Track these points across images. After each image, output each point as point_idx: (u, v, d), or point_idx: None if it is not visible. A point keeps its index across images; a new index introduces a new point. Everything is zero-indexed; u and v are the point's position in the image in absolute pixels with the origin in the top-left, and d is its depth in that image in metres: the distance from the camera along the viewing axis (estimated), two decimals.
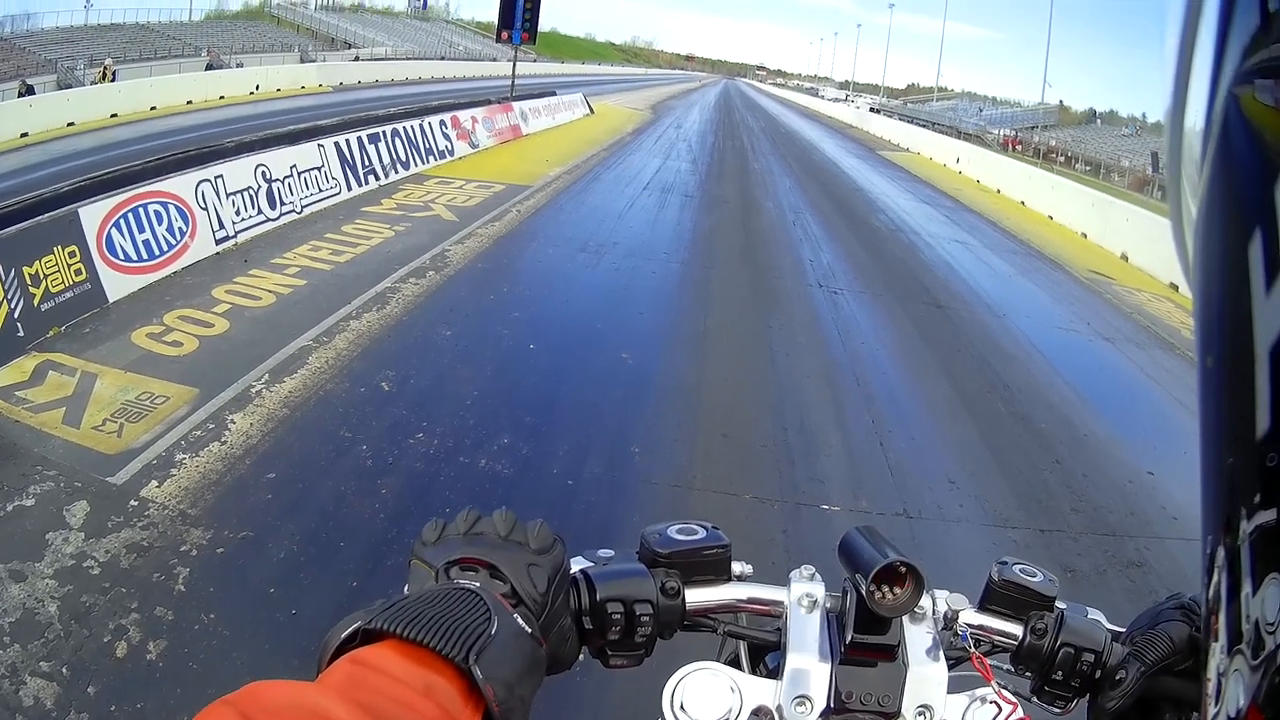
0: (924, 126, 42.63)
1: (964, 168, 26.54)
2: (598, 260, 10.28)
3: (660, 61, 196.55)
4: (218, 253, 9.07)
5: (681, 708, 0.85)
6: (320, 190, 11.59)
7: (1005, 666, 0.93)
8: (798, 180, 20.63)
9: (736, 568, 0.93)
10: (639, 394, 6.70)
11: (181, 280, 8.20)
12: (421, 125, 15.76)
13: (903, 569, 0.81)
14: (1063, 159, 45.63)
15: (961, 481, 5.75)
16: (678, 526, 0.93)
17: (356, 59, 43.67)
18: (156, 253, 8.18)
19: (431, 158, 15.73)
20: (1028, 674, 0.93)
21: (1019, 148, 49.30)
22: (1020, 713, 0.87)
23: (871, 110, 57.66)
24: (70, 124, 18.95)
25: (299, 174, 11.14)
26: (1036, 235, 16.18)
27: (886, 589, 0.82)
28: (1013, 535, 5.10)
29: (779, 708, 0.85)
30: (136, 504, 4.60)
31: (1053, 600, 0.93)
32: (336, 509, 4.71)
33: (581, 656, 0.88)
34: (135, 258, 7.90)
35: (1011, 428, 6.84)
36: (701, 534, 0.92)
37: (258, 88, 29.00)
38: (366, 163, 13.18)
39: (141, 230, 8.07)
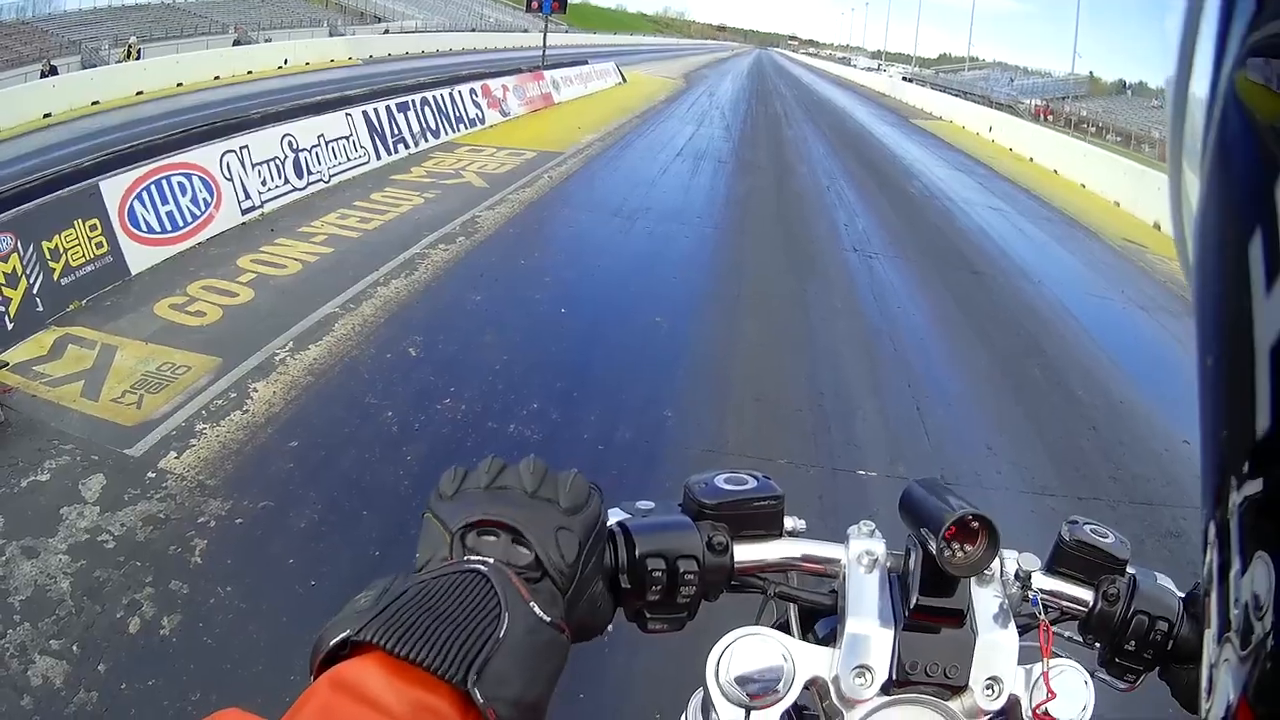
0: (956, 95, 41.56)
1: (996, 136, 25.67)
2: (631, 225, 10.00)
3: (692, 32, 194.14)
4: (244, 223, 8.89)
5: (729, 678, 0.75)
6: (349, 159, 11.38)
7: (1070, 634, 0.86)
8: (831, 147, 20.04)
9: (789, 523, 0.83)
10: (672, 358, 6.44)
11: (206, 251, 8.03)
12: (452, 94, 15.51)
13: (975, 523, 0.72)
14: (1094, 129, 44.50)
15: (999, 447, 5.51)
16: (725, 476, 0.83)
17: (386, 32, 42.68)
18: (180, 224, 8.03)
19: (462, 126, 15.47)
20: (1097, 644, 0.86)
21: (1050, 117, 46.92)
22: (1087, 691, 0.78)
23: (904, 79, 56.27)
24: (95, 103, 18.50)
25: (326, 144, 10.95)
26: (1070, 203, 15.55)
27: (957, 546, 0.73)
28: (1050, 503, 4.86)
29: (836, 679, 0.76)
30: (154, 476, 4.43)
31: (1125, 564, 0.85)
32: (360, 476, 4.51)
33: (612, 624, 0.76)
34: (159, 229, 7.75)
35: (1049, 394, 6.56)
36: (752, 484, 0.82)
37: (286, 62, 28.06)
38: (396, 131, 12.94)
39: (165, 202, 7.91)
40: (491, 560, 0.64)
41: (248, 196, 9.14)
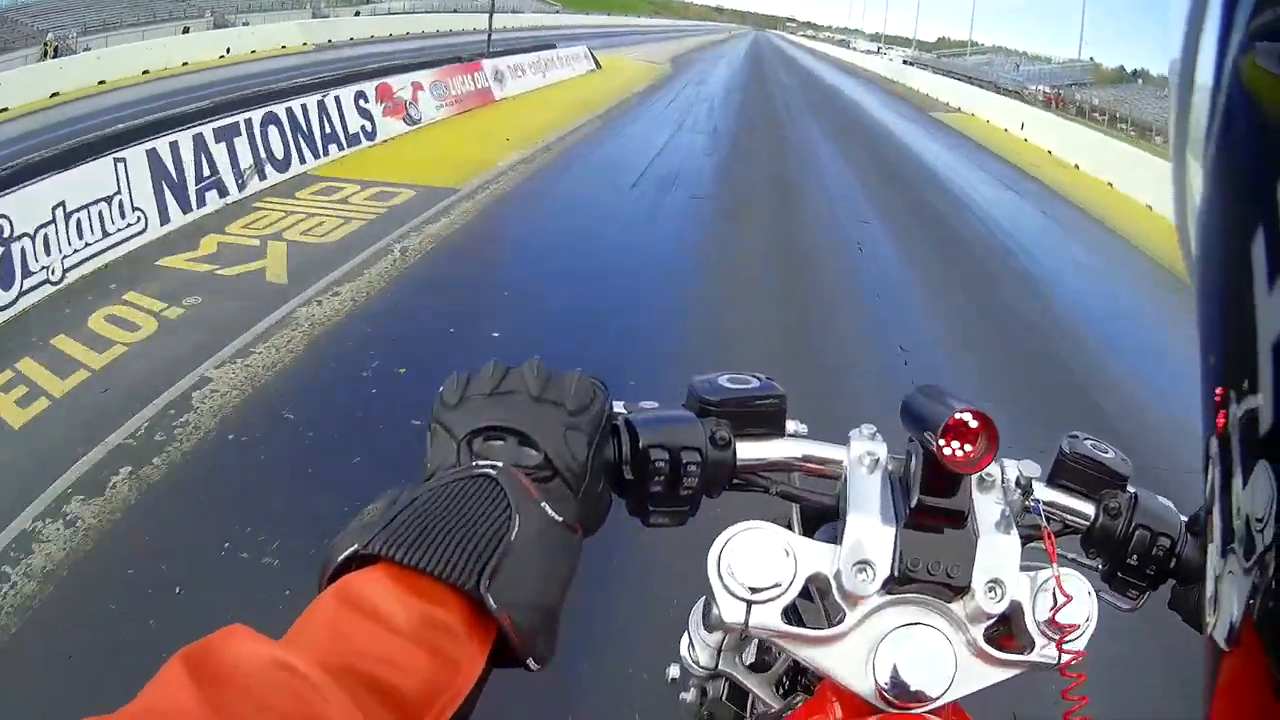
0: (961, 80, 38.52)
1: (1029, 134, 21.16)
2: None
3: (689, 14, 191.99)
4: None
5: (730, 571, 0.73)
6: (106, 233, 6.95)
7: (1072, 555, 0.82)
8: (847, 155, 15.27)
9: (791, 426, 0.83)
10: None
11: None
12: (323, 102, 10.97)
13: (975, 421, 0.69)
14: (1105, 119, 41.68)
15: None
16: (728, 376, 0.83)
17: (358, 13, 39.78)
18: None
19: (334, 147, 10.94)
20: (1099, 559, 0.85)
21: (1061, 106, 43.58)
22: (1082, 606, 0.75)
23: (905, 63, 54.18)
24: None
25: (69, 215, 6.56)
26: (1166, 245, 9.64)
27: (957, 445, 0.70)
28: None
29: (838, 574, 0.74)
30: None
31: (1126, 479, 0.85)
32: None
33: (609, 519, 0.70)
34: None
35: None
36: (755, 383, 0.83)
37: (229, 50, 25.97)
38: (209, 172, 8.46)
39: None
40: (500, 463, 0.63)
41: None
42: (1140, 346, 6.91)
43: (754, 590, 0.73)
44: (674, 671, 1.26)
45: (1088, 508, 0.84)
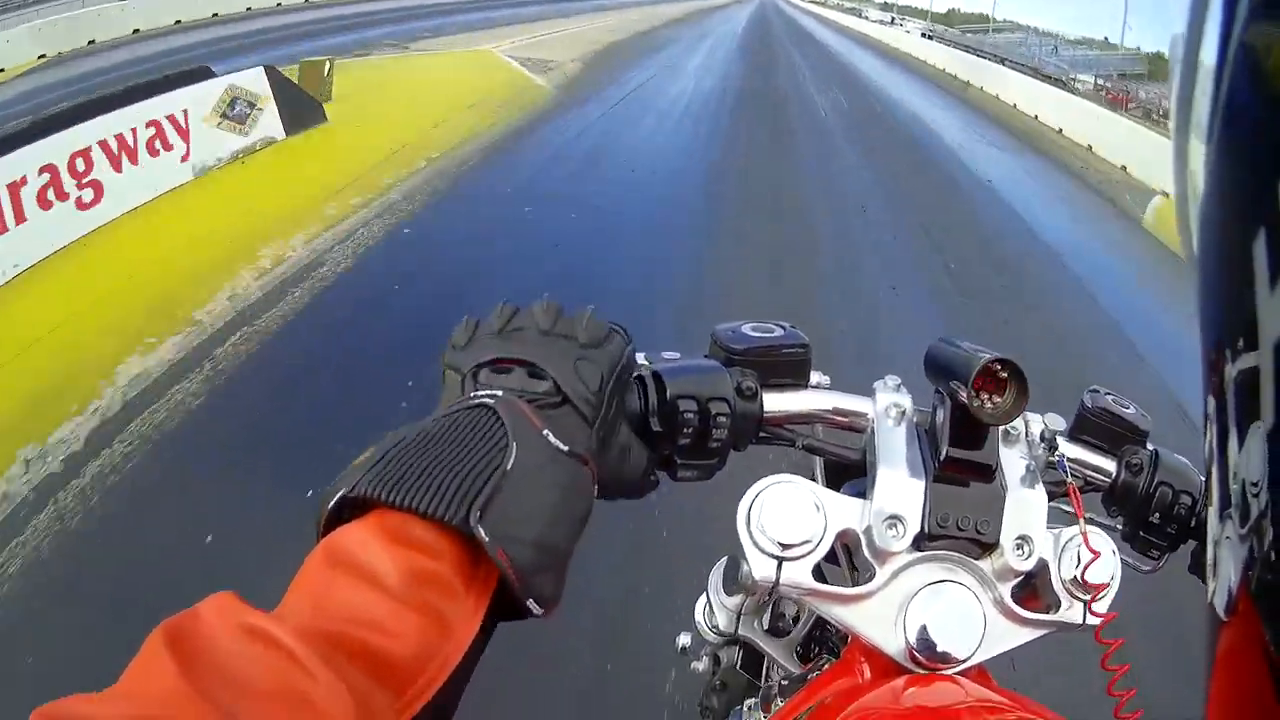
0: (995, 61, 31.66)
1: (1135, 170, 12.61)
2: None
3: None
4: None
5: (761, 528, 0.72)
6: None
7: (1089, 514, 0.78)
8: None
9: (814, 377, 0.82)
10: None
11: None
12: None
13: (1004, 371, 0.69)
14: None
15: None
16: (752, 325, 0.82)
17: None
18: None
19: None
20: (1120, 518, 0.85)
21: (1130, 106, 25.59)
22: (1108, 563, 0.73)
23: (924, 36, 49.74)
24: None
25: None
26: None
27: (986, 396, 0.70)
28: None
29: (868, 529, 0.73)
30: None
31: (1146, 436, 0.84)
32: None
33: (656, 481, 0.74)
34: None
35: None
36: (779, 332, 0.82)
37: None
38: None
39: None
40: (500, 392, 0.60)
41: None
42: None
43: (785, 546, 0.71)
44: (684, 640, 1.24)
45: (1109, 464, 0.83)
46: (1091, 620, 0.74)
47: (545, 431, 0.57)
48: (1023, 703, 0.70)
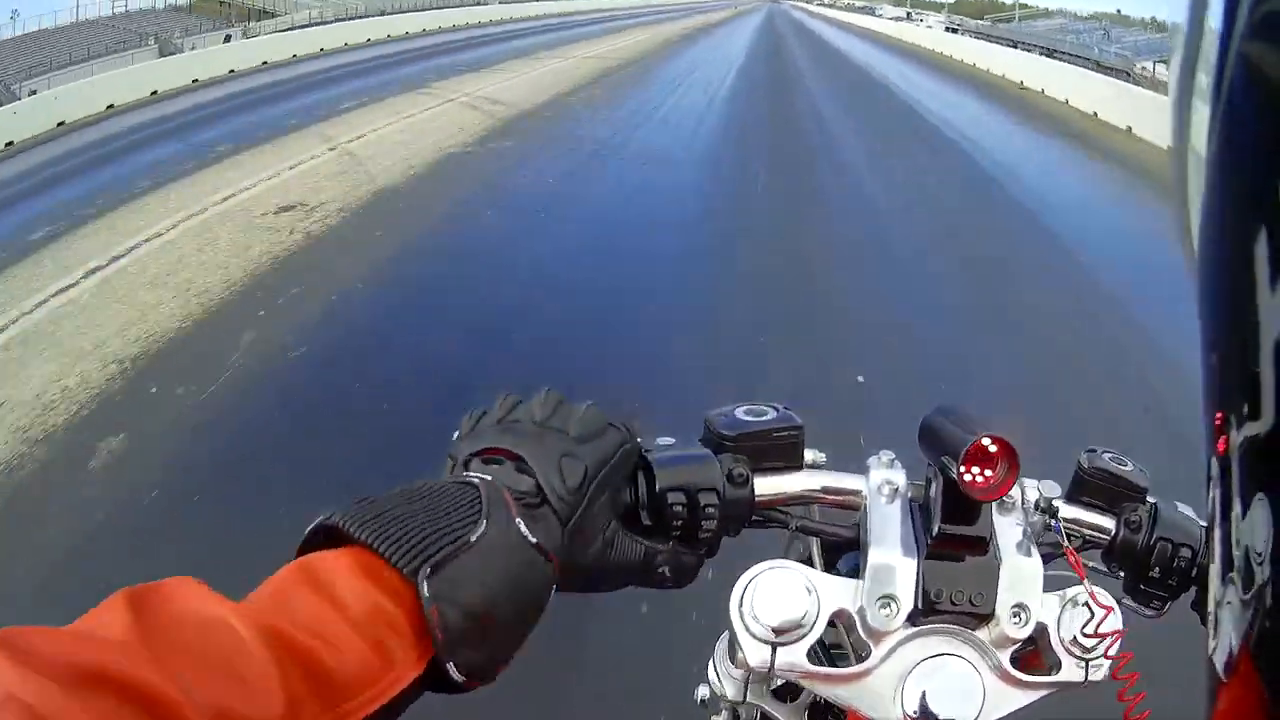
0: (1043, 54, 28.37)
1: None
2: None
3: None
4: None
5: (752, 612, 0.73)
6: None
7: (1092, 564, 0.80)
8: None
9: (809, 455, 0.81)
10: None
11: None
12: None
13: (994, 446, 0.68)
14: None
15: None
16: (745, 408, 0.82)
17: (228, 39, 28.61)
18: None
19: None
20: (1120, 572, 0.84)
21: None
22: (1117, 617, 0.75)
23: (948, 30, 46.16)
24: None
25: None
26: None
27: (977, 470, 0.69)
28: None
29: (861, 610, 0.74)
30: None
31: (1145, 491, 0.83)
32: None
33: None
34: None
35: None
36: (771, 415, 0.81)
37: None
38: None
39: None
40: (489, 478, 0.62)
41: None
42: None
43: (778, 632, 0.73)
44: (703, 692, 1.24)
45: (1108, 522, 0.83)
46: (1094, 678, 0.75)
47: (518, 520, 0.59)
48: None
